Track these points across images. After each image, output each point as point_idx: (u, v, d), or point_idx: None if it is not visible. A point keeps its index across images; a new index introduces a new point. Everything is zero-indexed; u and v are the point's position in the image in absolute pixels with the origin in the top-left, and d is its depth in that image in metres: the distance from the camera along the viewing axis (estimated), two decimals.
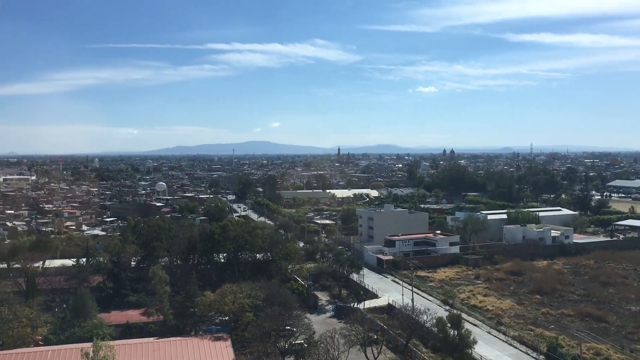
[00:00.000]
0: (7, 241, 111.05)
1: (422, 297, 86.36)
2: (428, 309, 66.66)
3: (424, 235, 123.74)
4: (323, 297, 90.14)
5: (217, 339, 60.67)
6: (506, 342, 67.33)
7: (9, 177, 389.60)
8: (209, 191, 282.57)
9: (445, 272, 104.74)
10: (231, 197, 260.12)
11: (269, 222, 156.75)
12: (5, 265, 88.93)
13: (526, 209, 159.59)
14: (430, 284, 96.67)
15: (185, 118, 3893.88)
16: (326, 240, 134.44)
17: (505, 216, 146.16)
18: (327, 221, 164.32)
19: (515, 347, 65.65)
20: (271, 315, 59.62)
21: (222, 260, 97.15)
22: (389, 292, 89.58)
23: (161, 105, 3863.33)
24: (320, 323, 73.83)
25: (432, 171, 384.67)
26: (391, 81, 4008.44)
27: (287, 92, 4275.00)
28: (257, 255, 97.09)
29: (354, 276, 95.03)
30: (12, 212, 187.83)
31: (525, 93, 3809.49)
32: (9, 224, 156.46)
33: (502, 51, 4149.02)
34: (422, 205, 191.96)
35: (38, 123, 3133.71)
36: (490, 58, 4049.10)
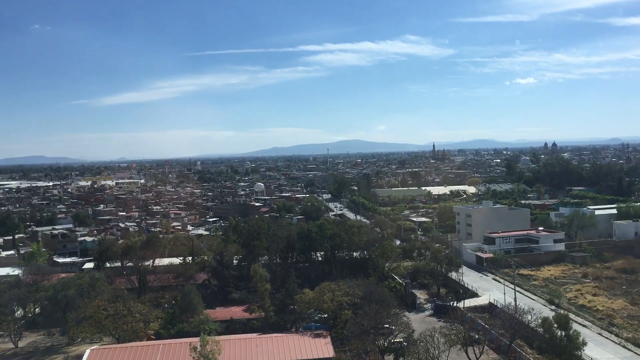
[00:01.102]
0: (121, 241, 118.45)
1: (525, 296, 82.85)
2: (532, 309, 63.84)
3: (525, 232, 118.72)
4: (421, 295, 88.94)
5: (317, 335, 61.49)
6: (619, 344, 63.10)
7: (120, 181, 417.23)
8: (305, 191, 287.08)
9: (549, 270, 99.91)
10: (327, 196, 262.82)
11: (364, 220, 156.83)
12: (119, 264, 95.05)
13: (638, 204, 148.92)
14: (533, 282, 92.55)
15: (280, 119, 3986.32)
16: (423, 238, 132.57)
17: (614, 211, 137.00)
18: (424, 219, 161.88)
19: (630, 350, 61.40)
20: (369, 313, 59.62)
21: (320, 259, 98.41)
22: (489, 290, 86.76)
23: (257, 107, 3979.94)
24: (419, 322, 72.92)
25: (533, 165, 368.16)
26: (486, 74, 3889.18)
27: (380, 90, 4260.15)
28: (354, 253, 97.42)
29: (453, 274, 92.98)
30: (125, 213, 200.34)
31: (634, 80, 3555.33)
32: (122, 225, 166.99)
33: (607, 37, 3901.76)
34: (523, 201, 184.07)
35: (145, 130, 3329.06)
36: (593, 45, 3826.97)
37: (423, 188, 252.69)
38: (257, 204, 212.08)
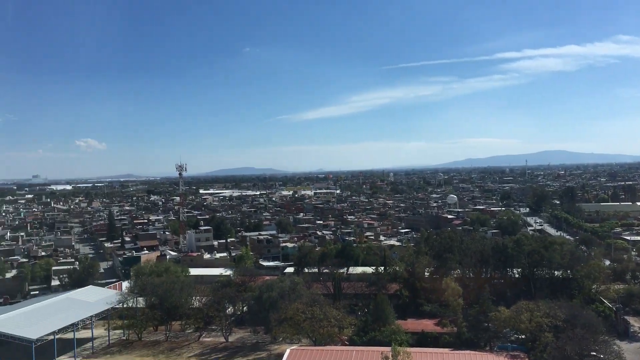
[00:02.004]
0: (318, 248, 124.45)
1: None
2: None
3: None
4: (635, 323, 79.52)
5: (514, 357, 58.28)
6: None
7: (318, 191, 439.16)
8: (500, 204, 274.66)
9: None
10: (524, 210, 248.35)
11: (567, 237, 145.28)
12: (316, 270, 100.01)
13: None
14: None
15: (474, 130, 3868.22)
16: (638, 259, 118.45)
17: None
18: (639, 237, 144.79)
19: None
20: (573, 338, 54.93)
21: (516, 276, 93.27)
22: None
23: (450, 118, 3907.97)
24: (633, 352, 65.35)
25: None
26: None
27: (586, 97, 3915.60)
28: (555, 272, 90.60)
29: None
30: (322, 222, 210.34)
31: None
32: (319, 233, 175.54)
33: None
34: None
35: (341, 142, 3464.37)
36: None
37: (638, 203, 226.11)
38: (449, 216, 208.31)
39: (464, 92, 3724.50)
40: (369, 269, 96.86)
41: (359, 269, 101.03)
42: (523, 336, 64.62)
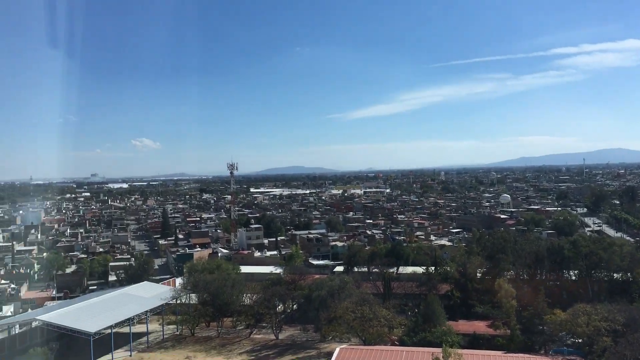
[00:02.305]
0: (367, 247, 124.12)
1: None
2: None
3: None
4: None
5: None
6: None
7: (368, 190, 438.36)
8: (556, 204, 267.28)
9: None
10: (582, 210, 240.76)
11: (628, 238, 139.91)
12: (366, 269, 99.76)
13: None
14: None
15: (529, 128, 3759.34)
16: None
17: None
18: None
19: None
20: (633, 342, 52.74)
21: (573, 278, 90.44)
22: None
23: (503, 116, 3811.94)
24: None
25: None
26: None
27: None
28: (614, 274, 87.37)
29: None
30: (371, 221, 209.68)
31: None
32: (368, 232, 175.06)
33: None
34: None
35: (390, 140, 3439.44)
36: None
37: None
38: (502, 216, 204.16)
39: (518, 89, 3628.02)
40: (419, 269, 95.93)
41: (409, 269, 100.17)
42: (580, 340, 62.62)
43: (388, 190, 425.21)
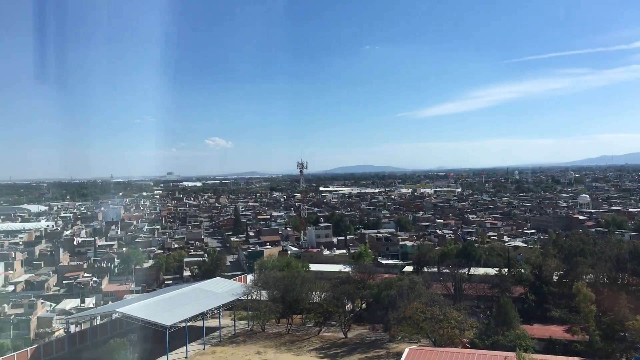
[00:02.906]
0: (438, 248, 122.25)
1: None
2: None
3: None
4: None
5: None
6: None
7: (438, 189, 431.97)
8: None
9: None
10: None
11: None
12: (436, 269, 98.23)
13: None
14: None
15: (610, 125, 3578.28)
16: None
17: None
18: None
19: None
20: None
21: None
22: None
23: (582, 113, 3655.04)
24: None
25: None
26: None
27: None
28: None
29: None
30: (442, 221, 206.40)
31: None
32: (439, 232, 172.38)
33: None
34: None
35: (462, 139, 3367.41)
36: None
37: None
38: (581, 217, 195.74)
39: (598, 85, 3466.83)
40: (492, 270, 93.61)
41: (481, 270, 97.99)
42: None
43: (459, 190, 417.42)
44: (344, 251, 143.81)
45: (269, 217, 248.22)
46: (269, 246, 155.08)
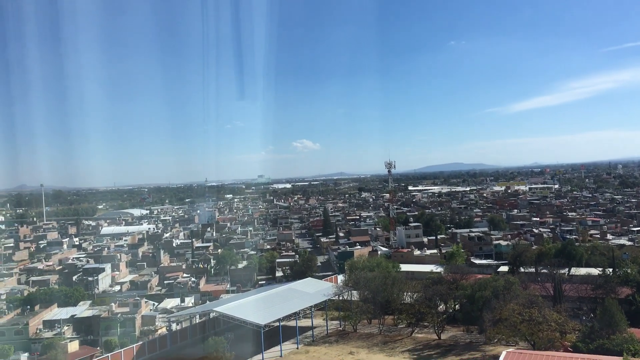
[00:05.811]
0: (535, 247, 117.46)
1: None
2: None
3: None
4: None
5: None
6: None
7: (533, 185, 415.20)
8: None
9: None
10: None
11: None
12: (533, 269, 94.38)
13: None
14: None
15: None
16: None
17: None
18: None
19: None
20: None
21: None
22: None
23: None
24: None
25: None
26: None
27: None
28: None
29: None
30: (538, 219, 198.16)
31: None
32: (535, 230, 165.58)
33: None
34: None
35: (558, 133, 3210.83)
36: None
37: None
38: None
39: None
40: (595, 270, 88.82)
41: (582, 270, 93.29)
42: None
43: (556, 186, 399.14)
44: (435, 251, 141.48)
45: (358, 217, 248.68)
46: (359, 246, 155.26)
